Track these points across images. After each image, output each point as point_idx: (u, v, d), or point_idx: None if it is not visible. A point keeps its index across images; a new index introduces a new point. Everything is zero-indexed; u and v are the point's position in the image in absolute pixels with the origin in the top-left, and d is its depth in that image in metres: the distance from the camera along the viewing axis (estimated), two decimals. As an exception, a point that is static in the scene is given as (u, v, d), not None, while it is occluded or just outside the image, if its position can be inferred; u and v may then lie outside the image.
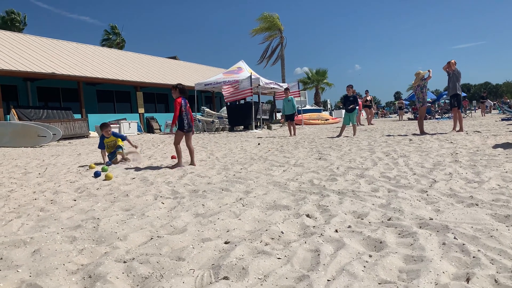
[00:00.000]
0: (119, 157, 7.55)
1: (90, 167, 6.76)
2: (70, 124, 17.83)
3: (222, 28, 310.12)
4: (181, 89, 6.57)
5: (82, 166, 7.14)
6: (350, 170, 5.26)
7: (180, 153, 6.66)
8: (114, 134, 7.71)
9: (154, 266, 2.23)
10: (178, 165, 6.52)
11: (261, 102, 21.95)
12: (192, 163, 6.70)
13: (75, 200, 4.21)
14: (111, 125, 9.63)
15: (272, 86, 21.33)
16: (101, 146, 7.61)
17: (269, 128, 20.23)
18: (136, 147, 7.93)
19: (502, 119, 17.86)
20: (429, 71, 11.35)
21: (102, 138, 7.64)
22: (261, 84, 19.71)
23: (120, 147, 7.61)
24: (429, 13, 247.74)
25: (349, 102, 12.18)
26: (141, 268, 2.20)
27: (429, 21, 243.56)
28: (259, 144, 10.55)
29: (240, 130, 19.17)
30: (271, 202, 3.66)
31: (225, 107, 22.50)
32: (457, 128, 11.35)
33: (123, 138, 7.79)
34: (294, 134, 13.83)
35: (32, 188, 5.07)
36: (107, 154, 7.63)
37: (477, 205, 3.19)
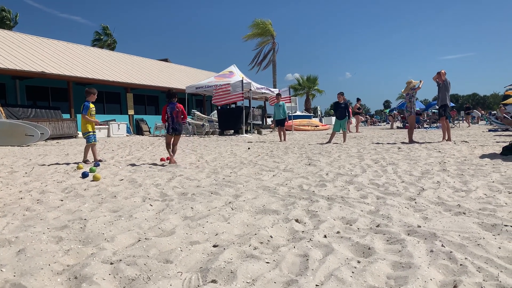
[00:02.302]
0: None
1: (78, 168, 6.70)
2: (58, 124, 17.66)
3: (215, 31, 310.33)
4: (169, 95, 7.18)
5: (70, 166, 7.07)
6: (340, 177, 5.28)
7: (170, 152, 7.31)
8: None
9: (141, 268, 2.21)
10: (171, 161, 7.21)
11: (252, 107, 21.97)
12: (170, 160, 7.21)
13: (62, 200, 4.15)
14: (101, 125, 9.65)
15: (263, 91, 21.38)
16: (86, 111, 7.59)
17: (260, 133, 20.24)
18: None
19: (489, 130, 18.10)
20: (420, 81, 11.45)
21: (89, 103, 7.64)
22: (252, 89, 19.74)
23: (95, 137, 7.86)
24: (418, 24, 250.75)
25: (340, 109, 12.26)
26: (128, 270, 2.17)
27: (418, 31, 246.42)
28: (249, 148, 10.54)
29: (230, 134, 19.15)
30: (261, 207, 3.66)
31: (215, 111, 22.48)
32: (446, 138, 11.47)
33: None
34: (284, 139, 13.86)
35: (18, 187, 5.00)
36: (90, 132, 7.73)
37: (464, 213, 3.22)
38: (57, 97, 21.74)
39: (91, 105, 7.66)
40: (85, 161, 7.66)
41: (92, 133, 7.70)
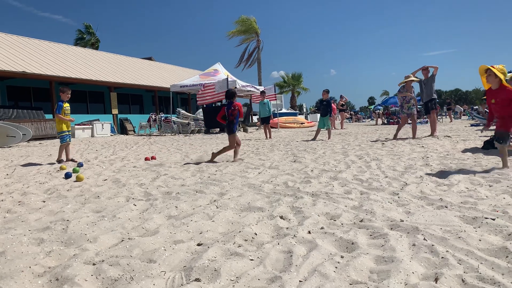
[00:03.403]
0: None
1: (61, 168, 6.60)
2: (41, 125, 17.38)
3: (199, 29, 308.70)
4: (228, 95, 7.24)
5: (53, 167, 6.96)
6: (324, 173, 5.31)
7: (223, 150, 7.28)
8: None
9: (124, 268, 2.19)
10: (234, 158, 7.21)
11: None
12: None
13: (44, 202, 4.09)
14: (84, 125, 9.61)
15: (248, 89, 21.35)
16: (59, 110, 7.58)
17: (245, 131, 20.23)
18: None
19: (471, 125, 18.37)
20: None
21: (62, 102, 7.63)
22: (237, 86, 19.69)
23: (70, 137, 7.91)
24: (401, 21, 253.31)
25: (323, 106, 12.33)
26: (110, 271, 2.15)
27: (401, 28, 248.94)
28: (234, 146, 10.52)
29: (216, 133, 19.10)
30: (245, 204, 3.65)
31: (201, 109, 22.39)
32: (436, 133, 11.40)
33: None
34: (270, 137, 13.86)
35: (-1, 189, 4.91)
36: (65, 132, 7.74)
37: (446, 207, 3.26)
38: (39, 97, 21.39)
39: (65, 104, 7.68)
40: (60, 160, 7.65)
41: (67, 132, 7.75)
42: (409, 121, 11.92)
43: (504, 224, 2.68)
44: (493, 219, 2.79)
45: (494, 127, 5.19)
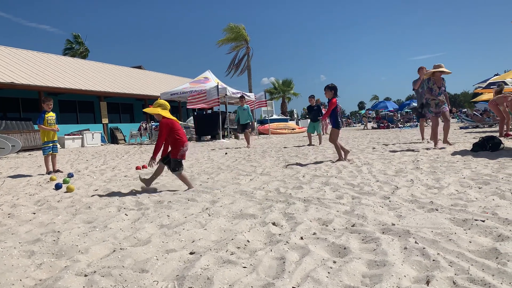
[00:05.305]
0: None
1: (51, 179, 6.55)
2: (30, 135, 17.21)
3: (188, 37, 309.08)
4: (336, 89, 7.23)
5: (43, 178, 6.90)
6: (316, 178, 5.33)
7: (339, 149, 7.30)
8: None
9: (116, 279, 2.18)
10: (340, 159, 7.26)
11: (228, 112, 21.95)
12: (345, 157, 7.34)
13: (34, 213, 4.05)
14: (74, 135, 9.58)
15: (239, 96, 21.37)
16: (41, 121, 7.56)
17: (237, 137, 20.23)
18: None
19: (461, 128, 18.56)
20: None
21: (44, 112, 7.63)
22: (228, 93, 19.73)
23: (57, 148, 7.85)
24: (389, 26, 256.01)
25: (313, 112, 12.32)
26: (102, 281, 2.13)
27: (388, 33, 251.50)
28: (226, 153, 10.52)
29: (207, 140, 19.07)
30: (238, 211, 3.65)
31: (191, 117, 22.36)
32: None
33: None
34: (248, 143, 13.07)
35: (-12, 201, 4.85)
36: (48, 142, 7.68)
37: (437, 210, 3.29)
38: (28, 108, 21.21)
39: (47, 114, 7.67)
40: (49, 172, 7.60)
41: (50, 144, 7.70)
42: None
43: (493, 225, 2.71)
44: (483, 221, 2.82)
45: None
